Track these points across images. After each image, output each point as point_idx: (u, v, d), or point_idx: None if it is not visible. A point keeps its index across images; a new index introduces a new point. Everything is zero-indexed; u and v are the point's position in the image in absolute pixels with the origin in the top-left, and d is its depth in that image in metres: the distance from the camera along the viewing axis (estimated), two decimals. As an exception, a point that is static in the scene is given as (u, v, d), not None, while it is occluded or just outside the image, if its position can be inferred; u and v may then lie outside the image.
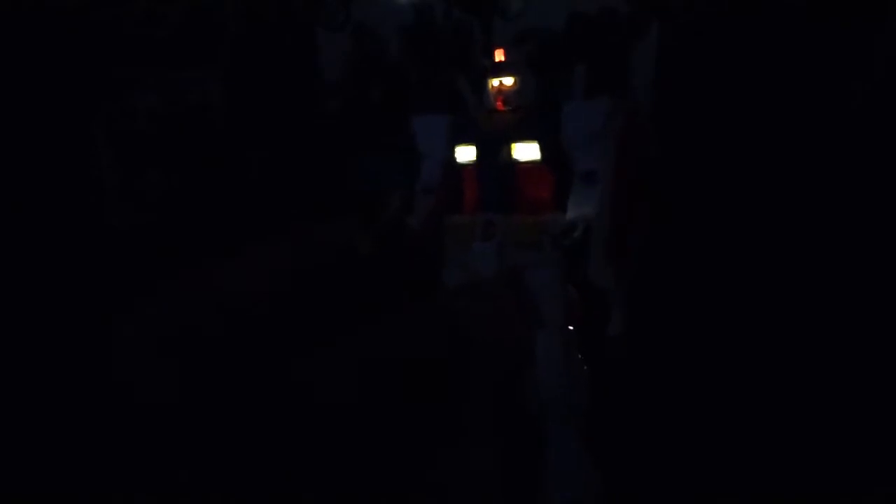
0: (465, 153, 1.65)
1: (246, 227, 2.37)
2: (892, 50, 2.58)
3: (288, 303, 0.74)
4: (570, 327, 1.61)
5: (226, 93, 2.71)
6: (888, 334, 2.25)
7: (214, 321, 0.73)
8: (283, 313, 0.74)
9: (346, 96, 2.81)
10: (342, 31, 2.84)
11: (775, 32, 2.64)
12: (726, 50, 2.65)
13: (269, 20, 2.75)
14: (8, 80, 2.49)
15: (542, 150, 1.60)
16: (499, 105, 1.63)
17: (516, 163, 1.60)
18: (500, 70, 1.66)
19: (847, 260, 2.42)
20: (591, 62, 2.81)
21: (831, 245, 2.45)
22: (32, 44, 2.53)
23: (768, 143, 2.58)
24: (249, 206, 2.49)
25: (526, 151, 1.60)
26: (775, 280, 2.43)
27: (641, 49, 2.85)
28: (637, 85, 2.86)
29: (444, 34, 2.87)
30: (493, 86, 1.64)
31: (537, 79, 1.67)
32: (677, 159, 2.63)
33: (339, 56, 2.81)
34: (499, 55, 1.68)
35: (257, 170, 2.61)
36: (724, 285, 2.43)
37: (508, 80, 1.64)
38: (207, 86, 2.68)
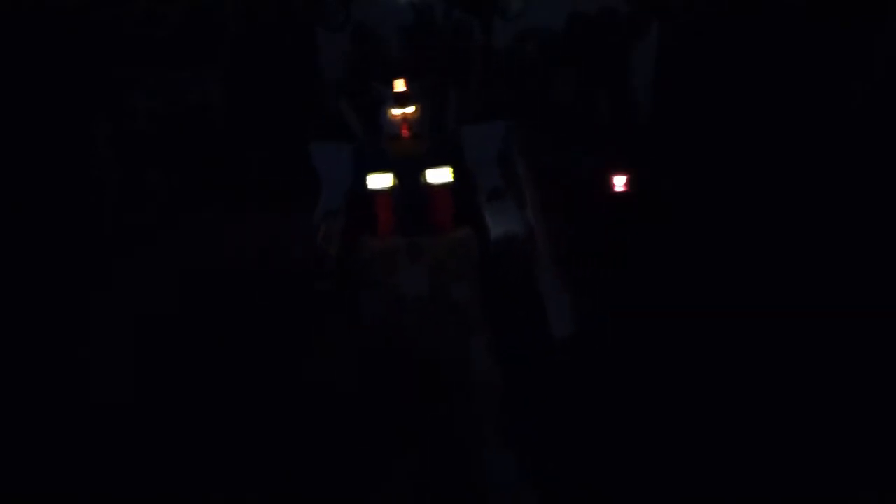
0: (381, 180, 1.73)
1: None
2: (892, 50, 2.58)
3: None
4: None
5: (226, 93, 2.71)
6: (885, 337, 2.25)
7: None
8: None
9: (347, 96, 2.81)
10: (342, 31, 2.84)
11: (775, 32, 2.64)
12: (726, 50, 2.65)
13: (269, 20, 2.75)
14: (8, 80, 2.49)
15: (454, 172, 1.74)
16: (404, 132, 1.70)
17: (430, 186, 1.72)
18: (403, 99, 1.71)
19: (847, 258, 2.42)
20: (590, 62, 2.82)
21: (831, 243, 2.45)
22: (32, 44, 2.53)
23: (768, 143, 2.58)
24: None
25: (440, 175, 1.72)
26: (773, 278, 2.43)
27: (641, 49, 2.85)
28: (637, 85, 2.87)
29: (444, 34, 2.88)
30: (395, 114, 1.72)
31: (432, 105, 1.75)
32: (677, 158, 2.64)
33: (339, 56, 2.81)
34: (399, 85, 1.72)
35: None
36: (721, 282, 2.43)
37: (411, 109, 1.72)
38: (207, 86, 2.68)
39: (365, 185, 1.73)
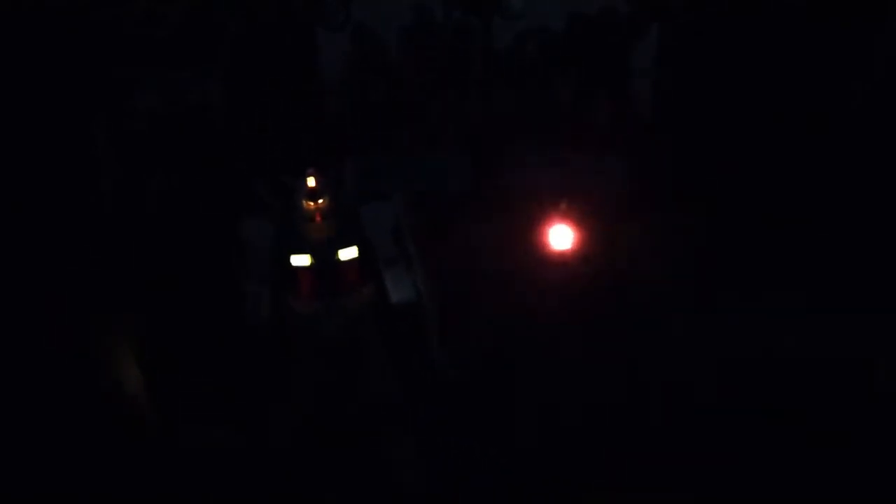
0: (302, 260, 2.13)
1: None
2: (892, 50, 2.59)
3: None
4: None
5: (226, 93, 2.71)
6: (884, 337, 2.26)
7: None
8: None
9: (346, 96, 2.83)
10: (342, 31, 2.85)
11: (775, 32, 2.64)
12: (726, 50, 2.66)
13: (269, 20, 2.75)
14: (8, 80, 2.50)
15: (359, 249, 2.16)
16: (317, 218, 2.09)
17: (340, 262, 2.15)
18: (315, 194, 2.07)
19: (847, 260, 2.42)
20: (590, 62, 2.83)
21: (831, 244, 2.45)
22: (33, 44, 2.54)
23: (768, 143, 2.59)
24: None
25: (349, 253, 2.14)
26: (775, 280, 2.43)
27: (641, 49, 2.86)
28: (637, 85, 2.87)
29: (444, 34, 2.88)
30: (310, 205, 2.08)
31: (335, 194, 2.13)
32: (677, 158, 2.64)
33: (339, 56, 2.82)
34: (311, 182, 2.06)
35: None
36: (720, 283, 2.44)
37: (321, 201, 2.08)
38: (207, 86, 2.69)
39: (287, 259, 2.12)
